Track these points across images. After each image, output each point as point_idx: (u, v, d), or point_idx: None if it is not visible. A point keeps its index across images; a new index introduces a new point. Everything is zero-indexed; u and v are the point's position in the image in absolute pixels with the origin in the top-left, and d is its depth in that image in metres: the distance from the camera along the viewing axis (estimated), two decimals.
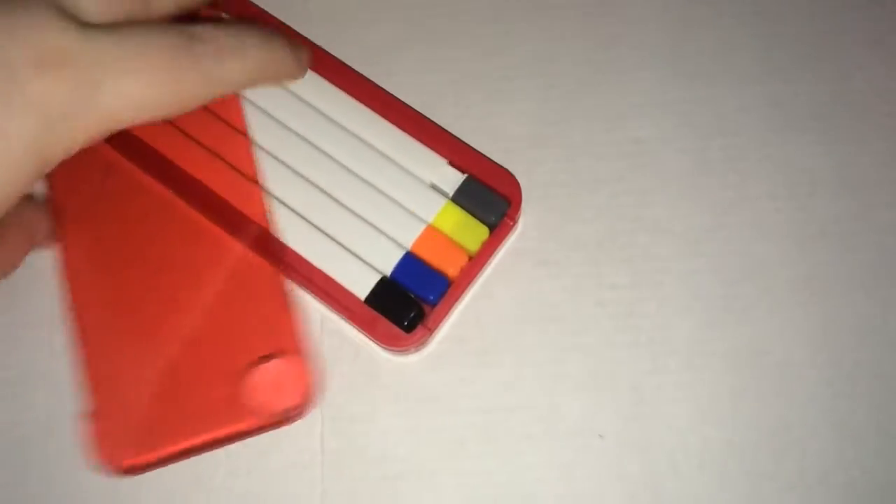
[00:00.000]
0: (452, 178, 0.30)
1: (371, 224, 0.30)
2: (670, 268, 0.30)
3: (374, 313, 0.28)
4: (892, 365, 0.29)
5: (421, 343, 0.29)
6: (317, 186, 0.30)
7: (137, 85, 0.24)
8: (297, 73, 0.30)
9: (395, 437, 0.29)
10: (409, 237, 0.29)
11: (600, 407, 0.29)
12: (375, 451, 0.29)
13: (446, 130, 0.31)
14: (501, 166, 0.30)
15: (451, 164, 0.30)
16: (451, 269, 0.29)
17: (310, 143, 0.30)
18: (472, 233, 0.29)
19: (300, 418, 0.28)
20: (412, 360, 0.30)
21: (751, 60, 0.33)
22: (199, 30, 0.25)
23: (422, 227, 0.29)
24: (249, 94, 0.31)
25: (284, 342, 0.28)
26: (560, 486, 0.28)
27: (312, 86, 0.31)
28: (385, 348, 0.29)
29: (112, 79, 0.23)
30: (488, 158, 0.31)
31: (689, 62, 0.33)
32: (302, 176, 0.30)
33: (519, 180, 0.30)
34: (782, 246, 0.31)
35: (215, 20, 0.30)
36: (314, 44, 0.32)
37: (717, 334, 0.30)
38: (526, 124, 0.32)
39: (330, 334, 0.30)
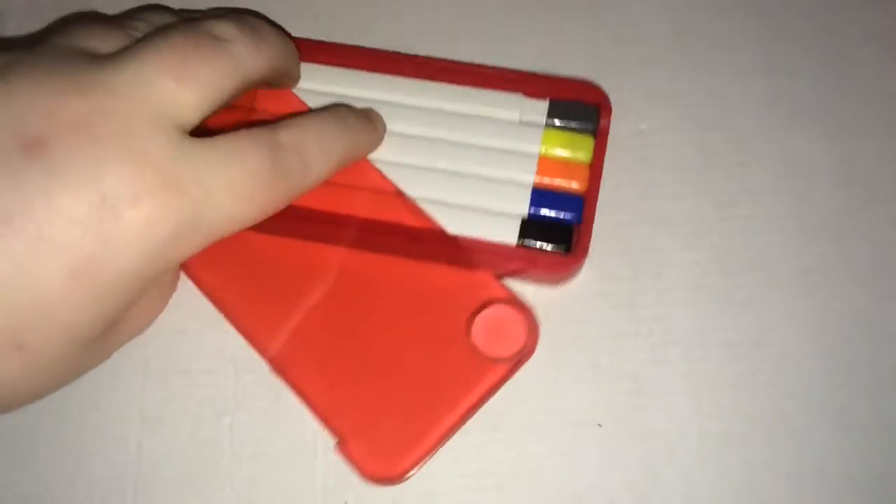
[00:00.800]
0: (537, 107, 0.31)
1: (490, 179, 0.30)
2: (671, 259, 0.31)
3: (531, 251, 0.29)
4: (890, 357, 0.30)
5: (581, 263, 0.30)
6: (429, 169, 0.31)
7: (234, 204, 0.24)
8: (377, 144, 0.30)
9: None
10: (528, 175, 0.30)
11: (600, 396, 0.29)
12: None
13: (502, 68, 0.32)
14: (573, 78, 0.32)
15: (528, 95, 0.31)
16: (579, 184, 0.30)
17: (396, 133, 0.31)
18: (579, 145, 0.30)
19: (531, 356, 0.29)
20: None
21: (753, 55, 0.33)
22: (283, 135, 0.26)
23: (535, 161, 0.30)
24: None
25: (483, 295, 0.29)
26: (562, 473, 0.29)
27: (357, 80, 0.32)
28: (550, 280, 0.30)
29: (211, 201, 0.23)
30: (557, 76, 0.32)
31: (692, 57, 0.33)
32: (412, 166, 0.31)
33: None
34: (782, 239, 0.31)
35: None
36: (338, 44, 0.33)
37: (717, 325, 0.30)
38: None
39: None
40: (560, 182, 0.30)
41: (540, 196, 0.30)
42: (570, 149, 0.30)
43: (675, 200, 0.32)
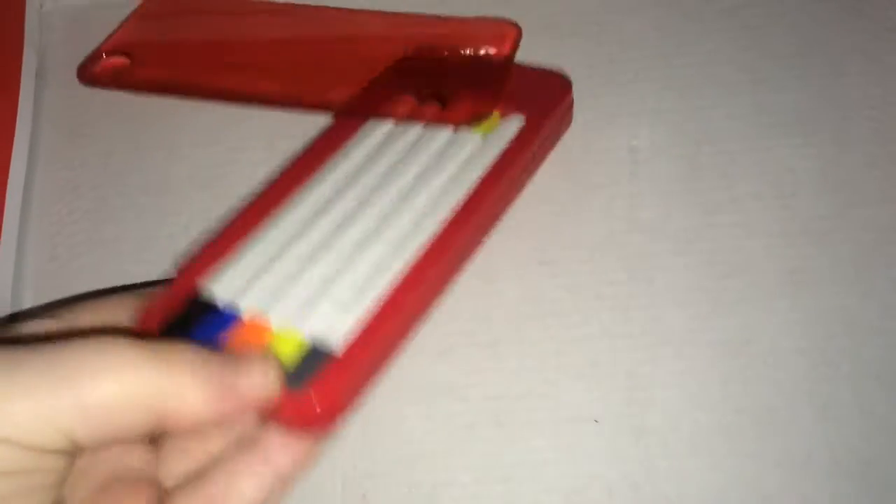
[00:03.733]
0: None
1: None
2: (663, 265, 0.33)
3: None
4: (871, 350, 0.31)
5: None
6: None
7: None
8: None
9: (410, 423, 0.32)
10: None
11: (598, 393, 0.31)
12: (392, 435, 0.31)
13: None
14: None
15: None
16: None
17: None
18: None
19: None
20: (426, 351, 0.32)
21: (739, 71, 0.36)
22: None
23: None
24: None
25: None
26: (563, 466, 0.31)
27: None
28: None
29: None
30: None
31: (680, 74, 0.36)
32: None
33: None
34: (768, 243, 0.33)
35: None
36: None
37: (707, 325, 0.32)
38: None
39: None
40: None
41: None
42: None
43: (666, 209, 0.34)
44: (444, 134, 0.33)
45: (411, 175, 0.32)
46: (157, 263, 0.34)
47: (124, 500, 0.24)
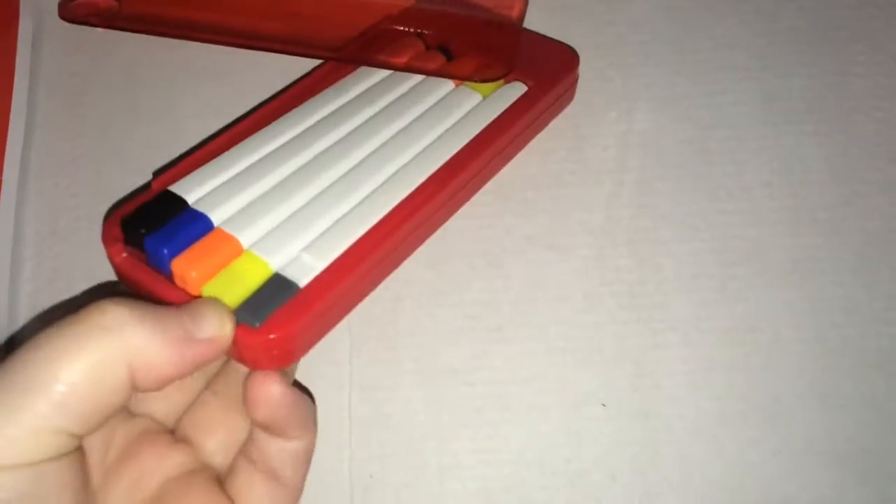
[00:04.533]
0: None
1: None
2: (670, 251, 0.33)
3: None
4: (875, 340, 0.32)
5: None
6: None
7: None
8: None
9: (416, 406, 0.32)
10: None
11: (604, 378, 0.32)
12: (399, 418, 0.31)
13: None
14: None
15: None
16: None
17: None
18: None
19: None
20: (432, 334, 0.32)
21: (748, 57, 0.35)
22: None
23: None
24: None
25: None
26: (568, 450, 0.31)
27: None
28: None
29: None
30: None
31: (690, 58, 0.35)
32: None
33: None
34: (775, 231, 0.33)
35: None
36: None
37: (713, 312, 0.32)
38: None
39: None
40: None
41: None
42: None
43: (674, 196, 0.34)
44: (444, 88, 0.33)
45: (405, 122, 0.32)
46: None
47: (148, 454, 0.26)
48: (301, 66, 0.36)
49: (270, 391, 0.25)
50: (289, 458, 0.26)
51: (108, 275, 0.33)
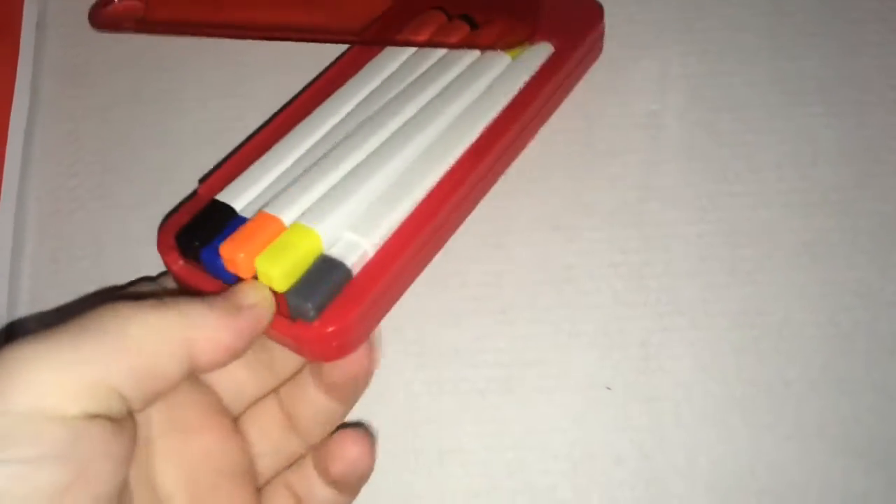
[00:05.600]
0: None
1: None
2: (678, 233, 0.32)
3: None
4: (887, 324, 0.31)
5: None
6: None
7: None
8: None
9: (418, 388, 0.31)
10: None
11: (610, 361, 0.31)
12: (400, 400, 0.31)
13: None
14: None
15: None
16: None
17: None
18: None
19: None
20: (435, 316, 0.32)
21: (759, 37, 0.35)
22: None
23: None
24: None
25: None
26: (572, 433, 0.30)
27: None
28: None
29: None
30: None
31: (700, 40, 0.35)
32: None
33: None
34: (785, 212, 0.32)
35: None
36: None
37: (722, 295, 0.31)
38: None
39: None
40: None
41: None
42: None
43: (683, 177, 0.33)
44: (472, 54, 0.33)
45: (436, 90, 0.31)
46: (158, 217, 0.34)
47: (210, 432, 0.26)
48: (304, 48, 0.36)
49: (355, 455, 0.27)
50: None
51: (109, 256, 0.33)
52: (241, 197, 0.28)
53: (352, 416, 0.31)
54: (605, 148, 0.34)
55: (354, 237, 0.27)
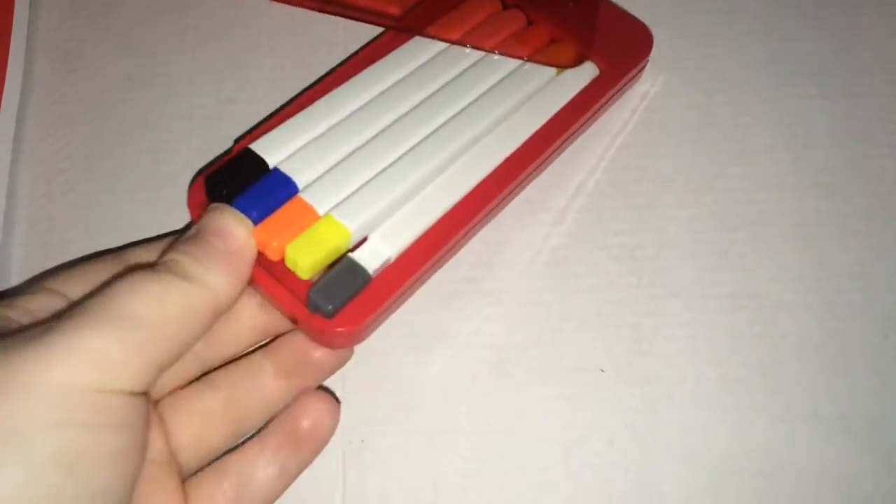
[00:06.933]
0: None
1: None
2: (672, 215, 0.32)
3: None
4: (882, 306, 0.31)
5: None
6: None
7: None
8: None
9: (409, 371, 0.31)
10: None
11: (603, 344, 0.31)
12: (392, 383, 0.31)
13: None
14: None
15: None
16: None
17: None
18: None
19: None
20: (427, 298, 0.32)
21: (753, 19, 0.35)
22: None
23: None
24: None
25: None
26: (566, 416, 0.30)
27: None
28: None
29: None
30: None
31: (694, 22, 0.35)
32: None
33: None
34: (779, 195, 0.32)
35: None
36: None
37: (715, 277, 0.31)
38: None
39: None
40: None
41: None
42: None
43: (676, 159, 0.33)
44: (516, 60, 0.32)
45: (480, 91, 0.31)
46: (150, 201, 0.33)
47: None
48: (299, 33, 0.36)
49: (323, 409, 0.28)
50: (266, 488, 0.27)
51: (100, 239, 0.33)
52: (275, 152, 0.29)
53: (343, 400, 0.31)
54: (596, 129, 0.33)
55: (380, 244, 0.28)
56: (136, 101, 0.36)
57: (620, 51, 0.32)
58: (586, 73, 0.32)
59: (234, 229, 0.26)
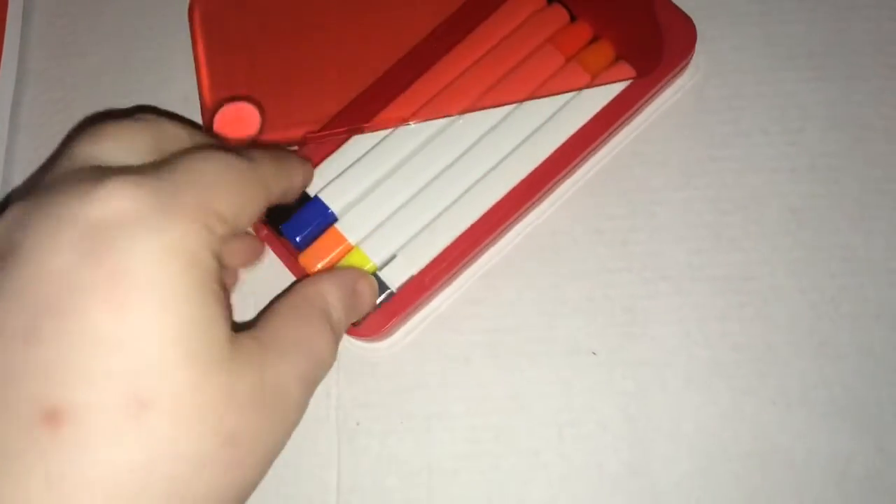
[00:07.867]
0: None
1: None
2: (664, 198, 0.32)
3: None
4: (874, 289, 0.31)
5: None
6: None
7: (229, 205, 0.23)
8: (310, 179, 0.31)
9: (404, 354, 0.31)
10: None
11: (595, 327, 0.31)
12: (385, 366, 0.31)
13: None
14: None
15: None
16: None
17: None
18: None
19: None
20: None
21: (747, 2, 0.34)
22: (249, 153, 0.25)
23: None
24: None
25: None
26: (558, 399, 0.30)
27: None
28: None
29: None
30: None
31: (687, 4, 0.34)
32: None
33: None
34: (772, 179, 0.32)
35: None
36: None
37: (707, 261, 0.31)
38: None
39: None
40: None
41: None
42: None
43: (669, 142, 0.33)
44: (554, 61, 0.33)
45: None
46: None
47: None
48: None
49: None
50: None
51: None
52: (317, 181, 0.32)
53: (338, 383, 0.31)
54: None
55: (405, 264, 0.30)
56: (133, 87, 0.36)
57: (664, 48, 0.32)
58: (620, 75, 0.32)
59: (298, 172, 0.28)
